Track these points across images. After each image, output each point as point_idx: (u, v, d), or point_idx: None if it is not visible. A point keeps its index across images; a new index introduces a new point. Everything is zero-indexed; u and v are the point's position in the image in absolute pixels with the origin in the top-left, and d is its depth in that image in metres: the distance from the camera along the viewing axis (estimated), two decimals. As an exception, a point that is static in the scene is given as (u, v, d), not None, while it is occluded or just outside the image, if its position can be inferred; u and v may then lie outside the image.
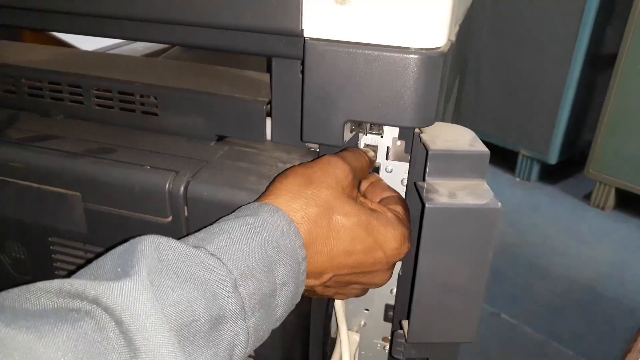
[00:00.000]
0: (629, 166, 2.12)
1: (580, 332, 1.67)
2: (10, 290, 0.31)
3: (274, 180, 0.45)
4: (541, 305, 1.79)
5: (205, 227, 0.40)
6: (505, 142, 2.47)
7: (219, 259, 0.36)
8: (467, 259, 0.44)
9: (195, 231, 0.40)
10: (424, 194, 0.43)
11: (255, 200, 0.43)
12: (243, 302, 0.36)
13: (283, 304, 0.40)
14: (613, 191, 2.24)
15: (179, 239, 0.38)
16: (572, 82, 2.18)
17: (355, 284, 0.48)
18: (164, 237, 0.35)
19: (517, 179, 2.53)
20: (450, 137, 0.46)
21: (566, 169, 2.49)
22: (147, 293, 0.31)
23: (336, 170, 0.45)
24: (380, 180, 0.52)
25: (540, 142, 2.35)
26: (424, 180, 0.45)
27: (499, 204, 0.42)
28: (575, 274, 1.91)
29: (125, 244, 0.35)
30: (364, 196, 0.49)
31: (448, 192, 0.43)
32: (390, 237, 0.45)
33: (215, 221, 0.41)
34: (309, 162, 0.46)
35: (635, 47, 1.99)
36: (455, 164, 0.45)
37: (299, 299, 0.42)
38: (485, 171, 0.45)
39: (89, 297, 0.30)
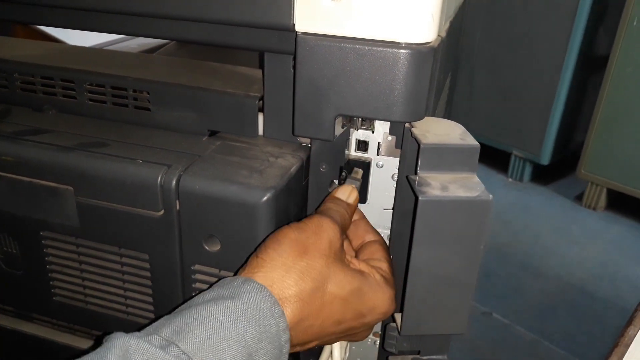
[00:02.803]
0: (621, 167, 2.14)
1: (572, 332, 1.68)
2: None
3: (265, 243, 0.43)
4: (533, 305, 1.80)
5: (182, 305, 0.39)
6: (497, 143, 2.48)
7: (191, 358, 0.34)
8: (459, 250, 0.45)
9: (171, 311, 0.39)
10: (416, 187, 0.44)
11: (245, 267, 0.42)
12: None
13: None
14: (605, 192, 2.25)
15: (156, 319, 0.37)
16: (564, 83, 2.19)
17: (335, 341, 0.48)
18: (135, 339, 0.34)
19: (510, 180, 2.54)
20: (441, 131, 0.47)
21: (558, 169, 2.50)
22: None
23: (329, 233, 0.44)
24: (362, 219, 0.52)
25: (533, 143, 2.36)
26: (415, 174, 0.46)
27: (490, 196, 0.43)
28: (566, 274, 1.92)
29: (96, 351, 0.34)
30: (347, 238, 0.49)
31: (440, 185, 0.44)
32: (379, 303, 0.45)
33: (193, 296, 0.40)
34: (299, 223, 0.45)
35: (626, 49, 2.01)
36: (447, 157, 0.45)
37: None
38: (475, 164, 0.46)
39: None
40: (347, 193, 0.49)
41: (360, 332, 0.47)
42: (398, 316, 0.50)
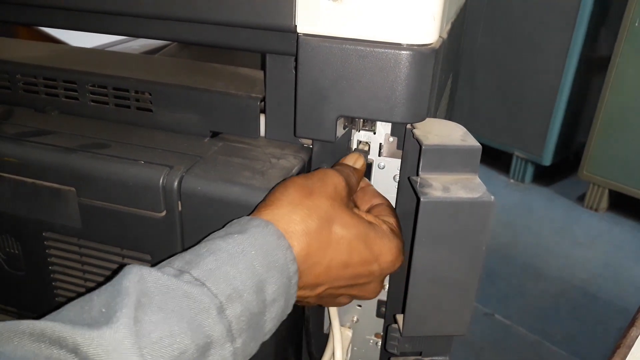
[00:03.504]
0: (623, 168, 2.14)
1: (574, 333, 1.68)
2: None
3: (273, 190, 0.44)
4: (535, 306, 1.80)
5: (194, 245, 0.40)
6: (499, 144, 2.48)
7: (204, 284, 0.36)
8: (461, 251, 0.45)
9: (186, 248, 0.40)
10: (418, 188, 0.44)
11: (255, 210, 0.43)
12: (230, 326, 0.36)
13: (273, 319, 0.40)
14: (606, 193, 2.25)
15: (169, 257, 0.39)
16: (566, 84, 2.19)
17: (347, 296, 0.48)
18: (148, 268, 0.35)
19: (512, 181, 2.54)
20: (443, 132, 0.47)
21: (560, 170, 2.50)
22: (127, 341, 0.31)
23: (334, 180, 0.45)
24: (369, 185, 0.52)
25: (535, 144, 2.36)
26: (417, 175, 0.46)
27: (492, 197, 0.43)
28: (568, 275, 1.92)
29: (113, 279, 0.35)
30: (355, 204, 0.50)
31: (442, 187, 0.44)
32: (386, 250, 0.45)
33: (204, 237, 0.41)
34: (305, 174, 0.46)
35: (628, 49, 2.01)
36: (448, 158, 0.45)
37: (290, 311, 0.42)
38: (477, 165, 0.46)
39: (68, 345, 0.31)
40: (354, 159, 0.50)
41: (369, 284, 0.47)
42: (400, 317, 0.50)
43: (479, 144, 0.46)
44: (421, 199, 0.42)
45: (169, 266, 0.37)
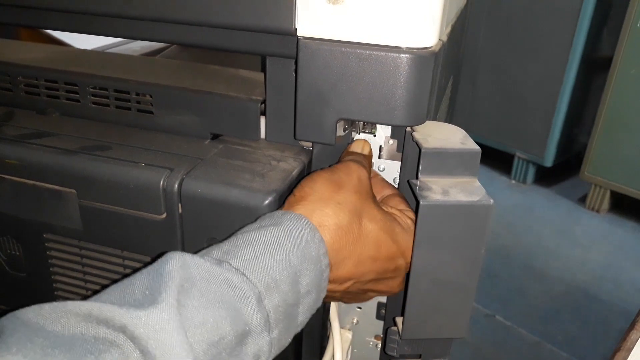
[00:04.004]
0: (624, 169, 2.13)
1: (575, 334, 1.68)
2: (42, 306, 0.32)
3: (300, 184, 0.45)
4: (535, 307, 1.80)
5: (229, 237, 0.41)
6: (501, 145, 2.47)
7: (243, 273, 0.36)
8: (460, 254, 0.45)
9: (220, 241, 0.40)
10: (417, 192, 0.44)
11: (284, 205, 0.44)
12: (268, 315, 0.36)
13: (305, 312, 0.40)
14: (608, 194, 2.25)
15: (203, 248, 0.39)
16: (567, 85, 2.19)
17: (372, 291, 0.48)
18: (190, 255, 0.36)
19: (513, 182, 2.54)
20: (442, 135, 0.47)
21: (562, 171, 2.50)
22: (173, 322, 0.32)
23: (358, 172, 0.45)
24: (377, 175, 0.53)
25: (536, 145, 2.36)
26: (417, 178, 0.46)
27: (491, 200, 0.43)
28: (569, 276, 1.92)
29: (154, 264, 0.36)
30: None
31: (441, 190, 0.44)
32: (411, 244, 0.45)
33: (238, 230, 0.42)
34: (329, 167, 0.46)
35: (630, 50, 2.00)
36: (448, 162, 0.46)
37: (320, 305, 0.42)
38: (476, 169, 0.46)
39: (115, 324, 0.31)
40: (360, 146, 0.50)
41: (395, 278, 0.47)
42: (399, 320, 0.50)
43: (478, 148, 0.46)
44: (421, 202, 0.42)
45: (207, 255, 0.38)
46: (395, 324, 0.52)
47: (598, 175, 2.21)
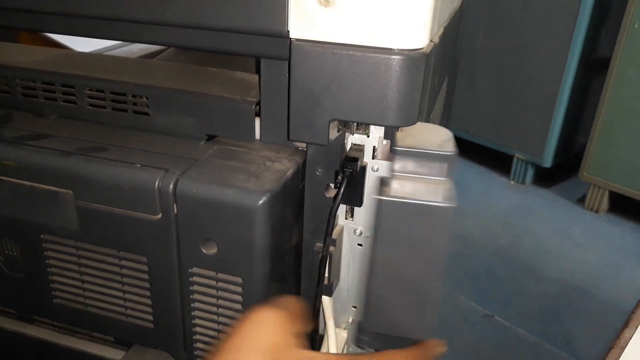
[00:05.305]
0: (623, 169, 2.13)
1: (574, 334, 1.68)
2: None
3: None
4: (535, 308, 1.80)
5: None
6: (499, 146, 2.48)
7: None
8: (420, 254, 0.45)
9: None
10: (380, 187, 0.44)
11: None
12: None
13: None
14: (607, 194, 2.25)
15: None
16: (566, 85, 2.19)
17: None
18: None
19: (512, 182, 2.54)
20: (424, 136, 0.47)
21: (560, 172, 2.50)
22: None
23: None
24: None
25: (535, 146, 2.36)
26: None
27: (455, 203, 0.43)
28: (568, 277, 1.92)
29: None
30: None
31: (409, 188, 0.44)
32: None
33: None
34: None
35: (628, 51, 2.01)
36: (420, 162, 0.46)
37: None
38: (451, 171, 0.45)
39: None
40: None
41: None
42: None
43: (454, 151, 0.45)
44: (380, 198, 0.43)
45: None
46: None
47: (597, 175, 2.21)
